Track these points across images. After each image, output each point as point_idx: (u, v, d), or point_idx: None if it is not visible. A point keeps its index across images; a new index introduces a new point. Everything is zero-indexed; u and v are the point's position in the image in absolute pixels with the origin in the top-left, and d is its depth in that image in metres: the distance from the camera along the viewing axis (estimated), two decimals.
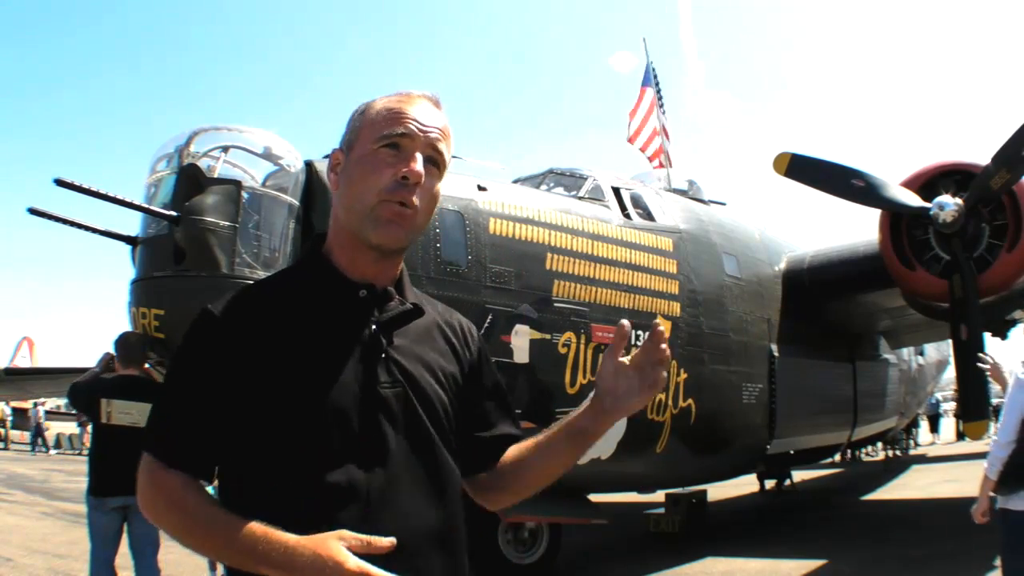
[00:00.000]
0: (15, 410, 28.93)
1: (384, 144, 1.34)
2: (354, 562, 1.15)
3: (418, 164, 1.33)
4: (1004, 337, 8.69)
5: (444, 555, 1.34)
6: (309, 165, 5.22)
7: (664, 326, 1.45)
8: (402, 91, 1.41)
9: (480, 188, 6.13)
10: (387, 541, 1.19)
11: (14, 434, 28.56)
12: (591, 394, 1.46)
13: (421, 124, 1.35)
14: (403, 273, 1.45)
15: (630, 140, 10.18)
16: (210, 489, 1.33)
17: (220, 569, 5.17)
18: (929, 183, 7.43)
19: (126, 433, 4.78)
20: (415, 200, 1.33)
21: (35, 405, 27.56)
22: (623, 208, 7.18)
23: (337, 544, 1.16)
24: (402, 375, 1.34)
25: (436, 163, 1.38)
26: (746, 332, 8.14)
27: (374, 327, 1.34)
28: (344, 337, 1.33)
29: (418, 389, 1.35)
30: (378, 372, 1.32)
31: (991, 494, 3.69)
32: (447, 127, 1.40)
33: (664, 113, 10.30)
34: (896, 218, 7.54)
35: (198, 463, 1.30)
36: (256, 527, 1.18)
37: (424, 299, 1.51)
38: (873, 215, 7.74)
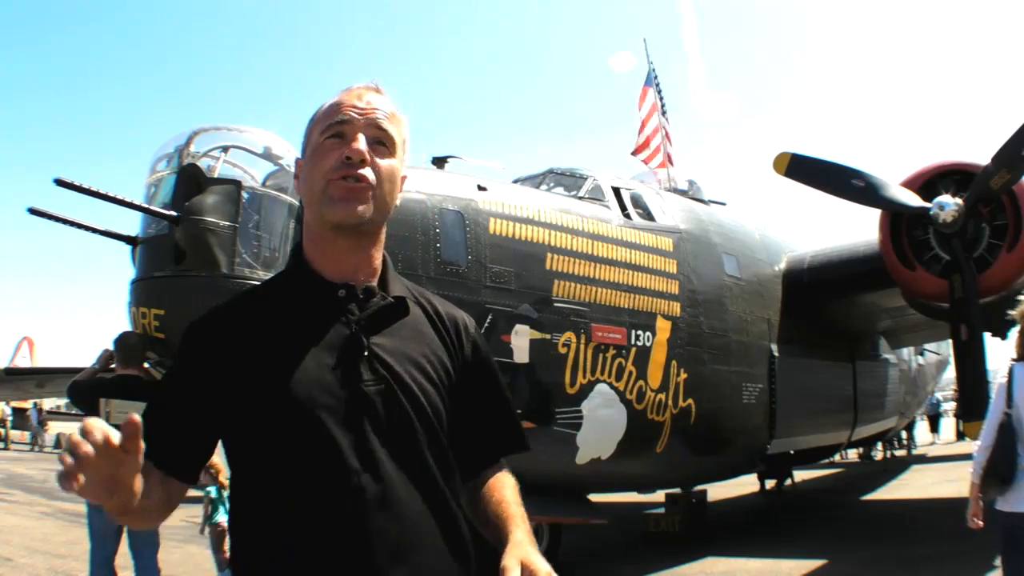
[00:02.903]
0: (15, 410, 28.88)
1: (328, 135, 1.36)
2: None
3: (360, 143, 1.34)
4: (1004, 337, 8.64)
5: (444, 551, 1.34)
6: None
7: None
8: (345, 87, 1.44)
9: (480, 188, 6.14)
10: None
11: (14, 434, 28.53)
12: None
13: (359, 108, 1.38)
14: (387, 266, 1.45)
15: (634, 153, 10.07)
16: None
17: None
18: (929, 183, 7.42)
19: None
20: (367, 175, 1.34)
21: (34, 405, 27.50)
22: (623, 208, 7.18)
23: None
24: (387, 372, 1.33)
25: (383, 142, 1.38)
26: (746, 332, 8.13)
27: (355, 326, 1.34)
28: (325, 338, 1.33)
29: (403, 385, 1.34)
30: (361, 370, 1.32)
31: (979, 497, 3.75)
32: (394, 111, 1.42)
33: (666, 114, 10.27)
34: (896, 218, 7.54)
35: (177, 466, 1.33)
36: None
37: (418, 292, 1.50)
38: (873, 215, 7.74)
